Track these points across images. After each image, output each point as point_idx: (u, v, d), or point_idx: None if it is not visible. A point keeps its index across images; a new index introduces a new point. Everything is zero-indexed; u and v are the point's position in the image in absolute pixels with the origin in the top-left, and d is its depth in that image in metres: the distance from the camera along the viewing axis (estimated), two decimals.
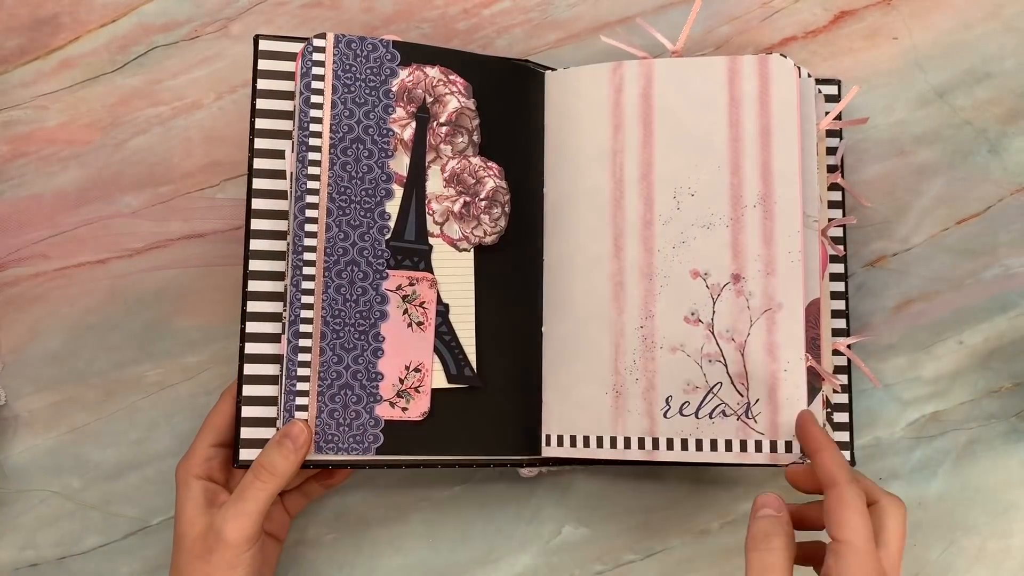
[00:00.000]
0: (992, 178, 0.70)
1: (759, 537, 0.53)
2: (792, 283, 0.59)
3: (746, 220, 0.60)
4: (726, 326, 0.59)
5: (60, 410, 0.66)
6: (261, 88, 0.60)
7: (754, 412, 0.59)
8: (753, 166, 0.60)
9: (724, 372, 0.59)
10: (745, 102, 0.60)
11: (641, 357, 0.60)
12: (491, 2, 0.70)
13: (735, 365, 0.59)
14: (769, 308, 0.59)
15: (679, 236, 0.60)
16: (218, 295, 0.67)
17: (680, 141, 0.61)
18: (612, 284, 0.61)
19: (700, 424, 0.59)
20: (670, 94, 0.61)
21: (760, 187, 0.59)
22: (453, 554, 0.67)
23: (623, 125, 0.62)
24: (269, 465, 0.56)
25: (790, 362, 0.58)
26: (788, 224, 0.59)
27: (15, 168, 0.68)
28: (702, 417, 0.59)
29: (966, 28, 0.71)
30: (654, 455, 0.60)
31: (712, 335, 0.60)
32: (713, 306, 0.60)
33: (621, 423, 0.60)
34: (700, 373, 0.59)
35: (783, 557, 0.52)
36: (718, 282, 0.60)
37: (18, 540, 0.66)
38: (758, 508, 0.54)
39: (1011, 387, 0.68)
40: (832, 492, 0.52)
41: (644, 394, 0.60)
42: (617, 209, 0.61)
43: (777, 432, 0.58)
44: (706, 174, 0.60)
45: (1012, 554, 0.67)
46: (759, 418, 0.59)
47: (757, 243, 0.59)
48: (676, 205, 0.61)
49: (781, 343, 0.59)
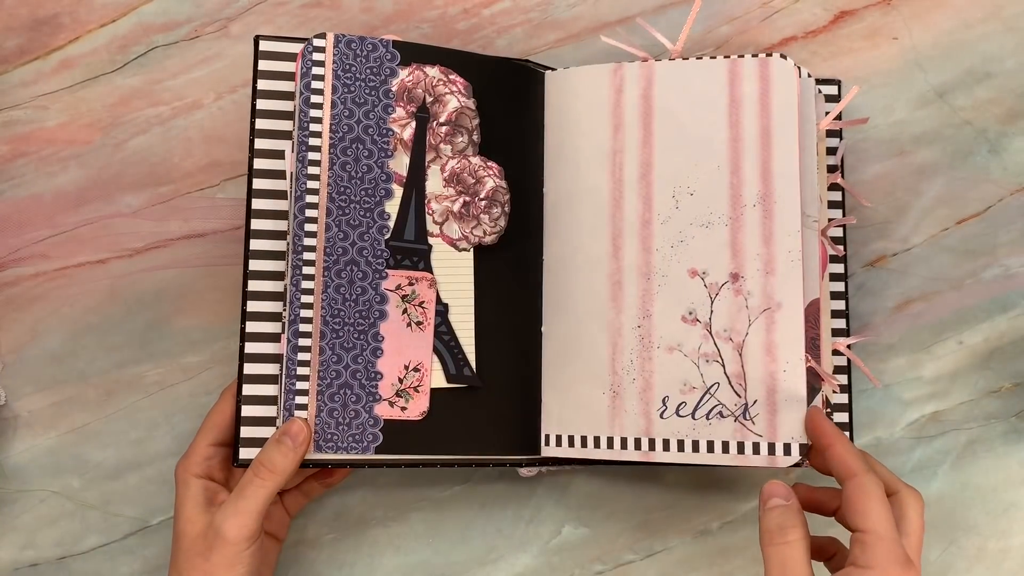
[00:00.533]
0: (992, 178, 0.70)
1: (774, 531, 0.53)
2: (792, 282, 0.58)
3: (745, 219, 0.59)
4: (724, 326, 0.59)
5: (60, 410, 0.67)
6: (261, 89, 0.60)
7: (752, 413, 0.58)
8: (753, 166, 0.59)
9: (722, 372, 0.59)
10: (745, 103, 0.60)
11: (638, 357, 0.60)
12: (491, 2, 0.70)
13: (733, 365, 0.59)
14: (768, 307, 0.58)
15: (678, 235, 0.60)
16: (218, 295, 0.67)
17: (680, 141, 0.61)
18: (611, 284, 0.61)
19: (697, 425, 0.59)
20: (671, 95, 0.61)
21: (760, 187, 0.59)
22: (453, 554, 0.67)
23: (623, 125, 0.62)
24: (269, 463, 0.56)
25: (789, 362, 0.58)
26: (788, 224, 0.58)
27: (15, 168, 0.68)
28: (699, 418, 0.59)
29: (966, 28, 0.71)
30: (650, 456, 0.59)
31: (710, 335, 0.59)
32: (711, 305, 0.59)
33: (618, 423, 0.60)
34: (697, 373, 0.59)
35: (801, 548, 0.52)
36: (716, 281, 0.59)
37: (18, 540, 0.66)
38: (767, 499, 0.54)
39: (1011, 387, 0.68)
40: (852, 483, 0.52)
41: (641, 394, 0.60)
42: (616, 209, 0.61)
43: (775, 434, 0.58)
44: (705, 173, 0.60)
45: (1012, 554, 0.67)
46: (757, 419, 0.58)
47: (756, 242, 0.59)
48: (675, 204, 0.60)
49: (780, 343, 0.58)
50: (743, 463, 0.58)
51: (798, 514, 0.53)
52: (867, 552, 0.51)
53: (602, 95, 0.62)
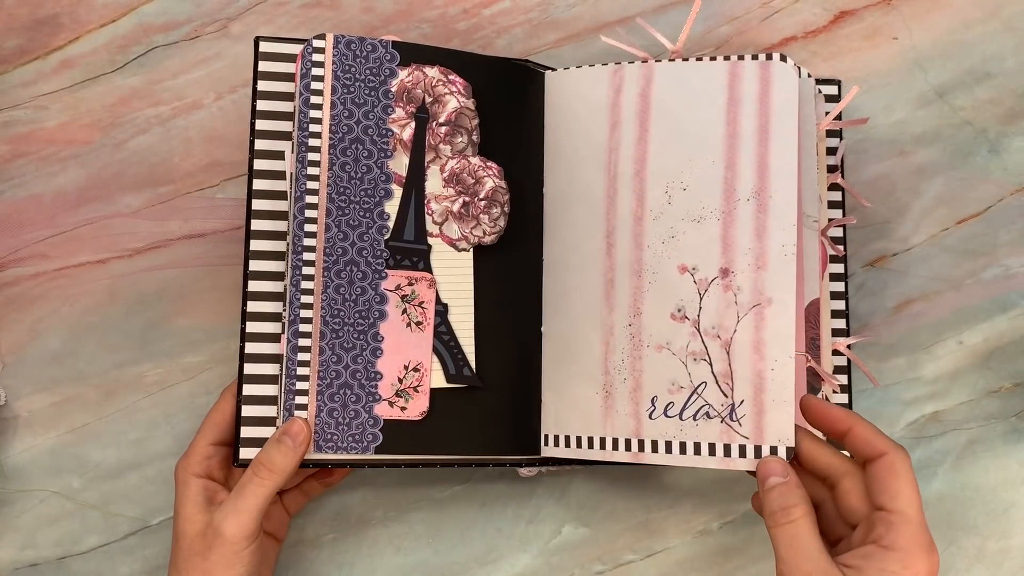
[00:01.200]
0: (992, 178, 0.70)
1: (777, 512, 0.52)
2: (784, 277, 0.56)
3: (738, 213, 0.57)
4: (712, 323, 0.57)
5: (60, 410, 0.67)
6: (261, 90, 0.60)
7: (739, 414, 0.56)
8: (749, 161, 0.58)
9: (709, 371, 0.57)
10: (745, 102, 0.58)
11: (629, 356, 0.59)
12: (491, 2, 0.70)
13: (720, 364, 0.57)
14: (758, 303, 0.56)
15: (668, 231, 0.59)
16: (218, 295, 0.67)
17: (675, 137, 0.59)
18: (604, 282, 0.60)
19: (684, 426, 0.57)
20: (669, 94, 0.60)
21: (755, 182, 0.57)
22: (453, 554, 0.67)
23: (620, 123, 0.61)
24: (268, 462, 0.56)
25: (778, 361, 0.56)
26: (784, 218, 0.56)
27: (15, 168, 0.68)
28: (686, 419, 0.57)
29: (966, 28, 0.70)
30: (640, 457, 0.58)
31: (698, 332, 0.57)
32: (700, 302, 0.58)
33: (610, 424, 0.59)
34: (685, 372, 0.58)
35: (808, 524, 0.51)
36: (706, 277, 0.58)
37: (18, 540, 0.66)
38: (764, 478, 0.53)
39: (1011, 387, 0.68)
40: (882, 461, 0.52)
41: (631, 394, 0.59)
42: (610, 206, 0.61)
43: (762, 436, 0.56)
44: (699, 169, 0.58)
45: (1012, 554, 0.67)
46: (744, 421, 0.56)
47: (748, 236, 0.57)
48: (667, 200, 0.59)
49: (769, 340, 0.56)
50: (728, 466, 0.56)
51: (797, 488, 0.52)
52: (892, 532, 0.50)
53: (602, 95, 0.62)
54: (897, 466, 0.51)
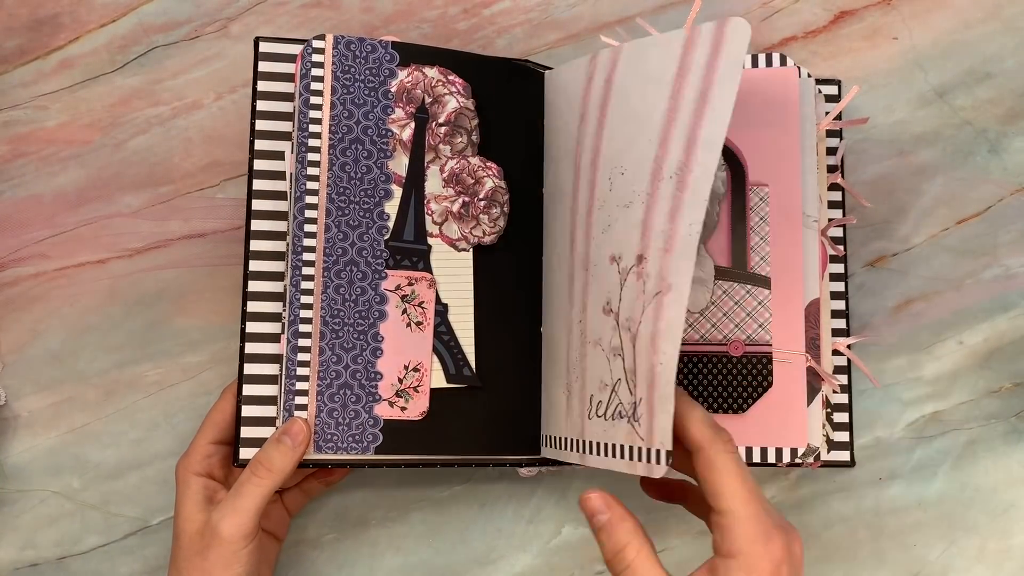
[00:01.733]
0: (992, 178, 0.70)
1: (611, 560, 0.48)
2: (685, 261, 0.49)
3: (660, 194, 0.51)
4: (627, 314, 0.52)
5: (60, 410, 0.67)
6: (261, 90, 0.60)
7: (639, 414, 0.50)
8: (680, 135, 0.51)
9: (621, 367, 0.52)
10: (693, 70, 0.52)
11: (578, 354, 0.56)
12: (491, 2, 0.70)
13: (629, 359, 0.51)
14: (659, 291, 0.50)
15: (607, 220, 0.54)
16: (218, 295, 0.67)
17: (625, 120, 0.55)
18: (567, 279, 0.58)
19: (607, 426, 0.52)
20: (627, 75, 0.55)
21: (682, 156, 0.51)
22: (453, 554, 0.67)
23: (587, 114, 0.58)
24: (267, 462, 0.56)
25: (667, 354, 0.49)
26: (698, 194, 0.49)
27: (15, 168, 0.68)
28: (609, 419, 0.52)
29: (966, 28, 0.70)
30: (585, 459, 0.55)
31: (617, 326, 0.52)
32: (620, 293, 0.52)
33: (569, 423, 0.57)
34: (608, 369, 0.53)
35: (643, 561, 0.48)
36: (627, 266, 0.52)
37: (18, 540, 0.66)
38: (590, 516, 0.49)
39: (1011, 387, 0.68)
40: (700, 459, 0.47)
41: (580, 393, 0.56)
42: (574, 201, 0.58)
43: (652, 438, 0.49)
44: (638, 149, 0.53)
45: (1012, 554, 0.67)
46: (642, 420, 0.50)
47: (663, 218, 0.51)
48: (609, 187, 0.55)
49: (663, 331, 0.49)
50: (631, 471, 0.51)
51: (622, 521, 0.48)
52: (728, 538, 0.46)
53: (577, 87, 0.59)
54: (714, 460, 0.47)
